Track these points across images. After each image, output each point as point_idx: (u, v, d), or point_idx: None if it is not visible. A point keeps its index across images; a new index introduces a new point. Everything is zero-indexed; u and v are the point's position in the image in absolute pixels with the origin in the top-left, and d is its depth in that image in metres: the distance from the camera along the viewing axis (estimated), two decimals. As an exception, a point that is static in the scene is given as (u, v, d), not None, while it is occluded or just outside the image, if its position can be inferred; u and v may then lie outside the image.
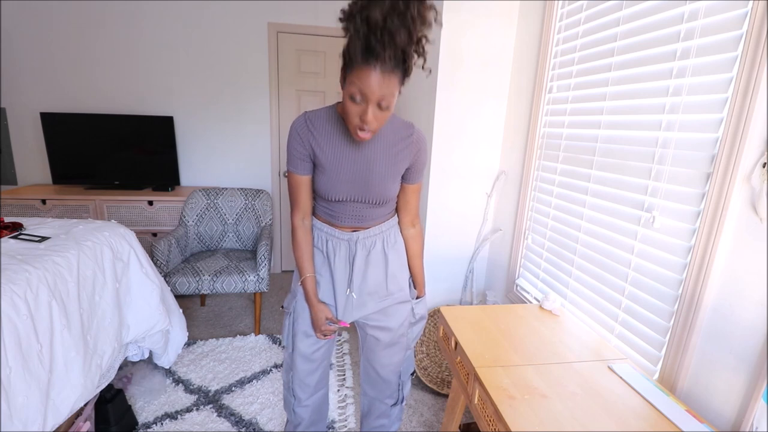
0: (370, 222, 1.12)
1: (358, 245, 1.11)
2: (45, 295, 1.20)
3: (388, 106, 0.87)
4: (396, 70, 0.82)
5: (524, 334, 1.28)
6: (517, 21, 1.83)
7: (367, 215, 1.10)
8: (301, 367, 1.20)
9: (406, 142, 1.06)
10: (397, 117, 1.08)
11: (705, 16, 1.00)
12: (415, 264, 1.24)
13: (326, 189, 1.05)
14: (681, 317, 1.04)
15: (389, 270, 1.16)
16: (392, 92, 0.85)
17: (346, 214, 1.09)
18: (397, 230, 1.19)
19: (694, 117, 1.03)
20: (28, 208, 2.70)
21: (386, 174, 1.05)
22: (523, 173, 1.77)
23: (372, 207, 1.09)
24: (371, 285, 1.15)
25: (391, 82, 0.83)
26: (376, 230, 1.13)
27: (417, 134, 1.07)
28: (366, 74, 0.80)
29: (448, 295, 2.11)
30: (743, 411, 0.89)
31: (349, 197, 1.06)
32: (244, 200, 2.80)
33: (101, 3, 2.82)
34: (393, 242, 1.16)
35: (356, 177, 1.04)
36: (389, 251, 1.15)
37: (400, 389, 1.32)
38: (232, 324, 2.61)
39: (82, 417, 1.48)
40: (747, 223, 0.90)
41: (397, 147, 1.05)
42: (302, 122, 1.02)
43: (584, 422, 0.90)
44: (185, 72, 3.02)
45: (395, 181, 1.08)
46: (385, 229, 1.14)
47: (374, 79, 0.80)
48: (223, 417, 1.77)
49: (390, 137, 1.05)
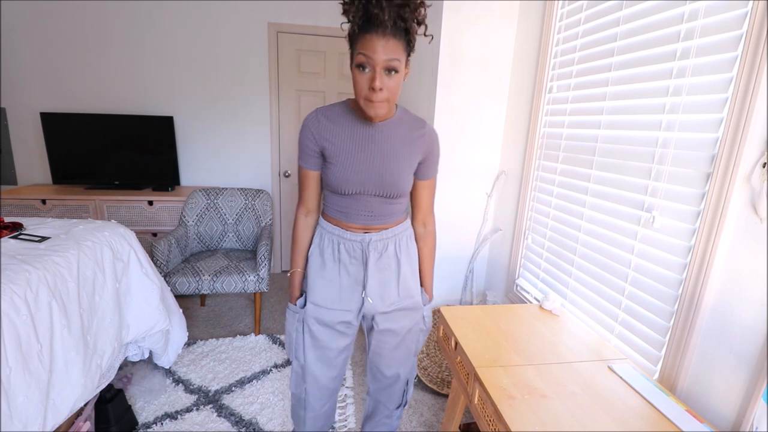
0: (382, 222, 1.09)
1: (371, 247, 1.09)
2: (45, 295, 1.20)
3: (395, 69, 0.88)
4: (398, 34, 0.86)
5: (524, 334, 1.28)
6: (517, 21, 1.83)
7: (379, 212, 1.08)
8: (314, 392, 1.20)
9: (419, 133, 1.06)
10: (410, 113, 1.09)
11: (705, 16, 1.00)
12: (423, 266, 1.22)
13: (338, 181, 1.04)
14: (681, 317, 1.04)
15: (401, 275, 1.14)
16: (397, 57, 0.87)
17: (358, 210, 1.07)
18: (410, 235, 1.17)
19: (694, 117, 1.03)
20: (28, 208, 2.69)
21: (400, 166, 1.04)
22: (523, 173, 1.77)
23: (384, 201, 1.07)
24: (383, 289, 1.13)
25: (396, 46, 0.87)
26: (389, 233, 1.11)
27: (429, 129, 1.09)
28: (369, 40, 0.86)
29: (448, 295, 2.11)
30: (743, 411, 0.89)
31: (361, 190, 1.04)
32: (244, 200, 2.80)
33: (101, 3, 2.82)
34: (405, 246, 1.15)
35: (370, 168, 1.03)
36: (402, 255, 1.13)
37: (404, 393, 1.32)
38: (232, 324, 2.61)
39: (82, 417, 1.48)
40: (747, 223, 0.90)
41: (411, 140, 1.06)
42: (314, 117, 1.04)
43: (584, 422, 0.90)
44: (185, 72, 3.02)
45: (409, 174, 1.07)
46: (397, 233, 1.13)
47: (378, 42, 0.85)
48: (223, 417, 1.76)
49: (404, 130, 1.05)
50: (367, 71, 0.88)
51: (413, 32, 0.91)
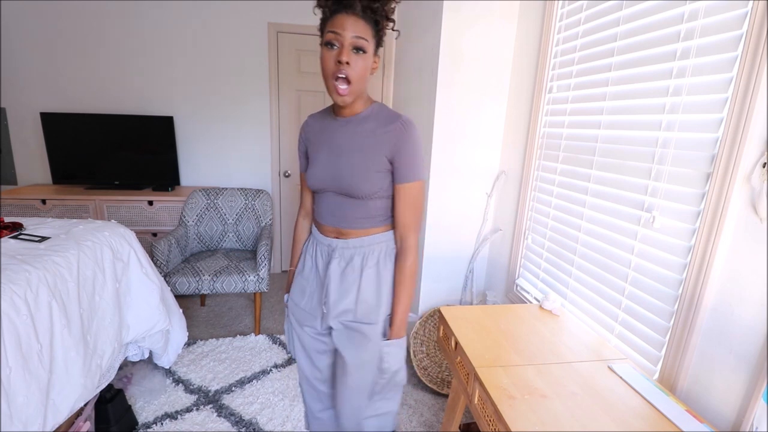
0: (352, 226, 1.03)
1: (335, 254, 1.04)
2: (45, 295, 1.20)
3: (363, 48, 0.90)
4: (367, 19, 0.90)
5: (524, 334, 1.28)
6: (517, 21, 1.83)
7: (345, 213, 1.02)
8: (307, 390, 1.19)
9: (386, 129, 0.97)
10: (388, 109, 1.02)
11: (705, 16, 1.00)
12: (394, 291, 1.04)
13: (307, 177, 1.06)
14: (681, 317, 1.04)
15: (361, 293, 1.03)
16: (365, 37, 0.90)
17: (324, 208, 1.05)
18: (386, 251, 1.05)
19: (694, 117, 1.03)
20: (28, 208, 2.69)
21: (357, 162, 0.98)
22: (523, 173, 1.77)
23: (348, 201, 1.01)
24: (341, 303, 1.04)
25: (364, 27, 0.90)
26: (358, 242, 1.03)
27: (402, 124, 0.96)
28: (339, 19, 0.89)
29: (448, 295, 2.11)
30: (743, 411, 0.89)
31: (323, 186, 1.03)
32: (244, 200, 2.80)
33: (101, 3, 2.82)
34: (374, 263, 1.03)
35: (328, 163, 1.02)
36: (367, 271, 1.02)
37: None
38: (232, 324, 2.61)
39: (82, 417, 1.48)
40: (747, 223, 0.90)
41: (376, 135, 0.98)
42: (306, 120, 1.14)
43: (584, 422, 0.90)
44: (185, 72, 3.02)
45: (369, 172, 0.98)
46: (366, 244, 1.03)
47: (347, 20, 0.88)
48: (223, 417, 1.76)
49: (372, 125, 0.99)
50: (335, 48, 0.90)
51: (382, 26, 0.94)
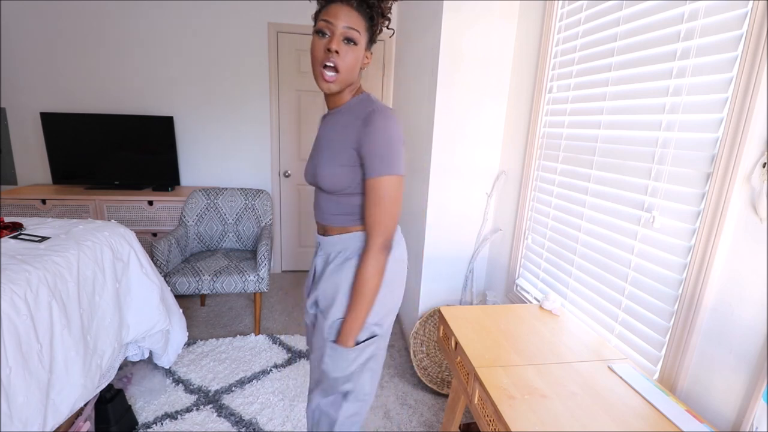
0: (330, 221, 1.04)
1: (320, 249, 1.09)
2: (45, 295, 1.20)
3: (354, 40, 0.90)
4: (360, 10, 0.89)
5: (524, 334, 1.28)
6: (517, 21, 1.83)
7: (322, 210, 1.04)
8: None
9: (355, 118, 0.94)
10: (369, 100, 0.97)
11: (705, 16, 1.00)
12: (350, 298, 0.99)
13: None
14: (681, 317, 1.04)
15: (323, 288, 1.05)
16: (357, 28, 0.90)
17: (314, 204, 1.09)
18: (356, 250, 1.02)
19: (694, 117, 1.03)
20: (28, 208, 2.69)
21: (327, 156, 0.97)
22: (523, 173, 1.77)
23: (323, 197, 1.03)
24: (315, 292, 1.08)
25: (358, 19, 0.89)
26: (336, 239, 1.03)
27: (370, 114, 0.91)
28: (333, 8, 0.89)
29: (448, 295, 2.11)
30: (743, 411, 0.89)
31: (307, 180, 1.07)
32: (244, 200, 2.80)
33: (101, 3, 2.82)
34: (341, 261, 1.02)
35: (311, 158, 1.06)
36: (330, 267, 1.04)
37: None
38: (232, 324, 2.61)
39: (82, 417, 1.48)
40: (747, 223, 0.90)
41: (346, 127, 0.95)
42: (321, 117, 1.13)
43: (584, 422, 0.90)
44: (185, 72, 3.02)
45: (334, 165, 0.95)
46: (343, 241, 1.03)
47: (341, 10, 0.88)
48: (223, 417, 1.77)
49: (347, 117, 0.96)
50: (326, 37, 0.90)
51: (377, 22, 0.94)
